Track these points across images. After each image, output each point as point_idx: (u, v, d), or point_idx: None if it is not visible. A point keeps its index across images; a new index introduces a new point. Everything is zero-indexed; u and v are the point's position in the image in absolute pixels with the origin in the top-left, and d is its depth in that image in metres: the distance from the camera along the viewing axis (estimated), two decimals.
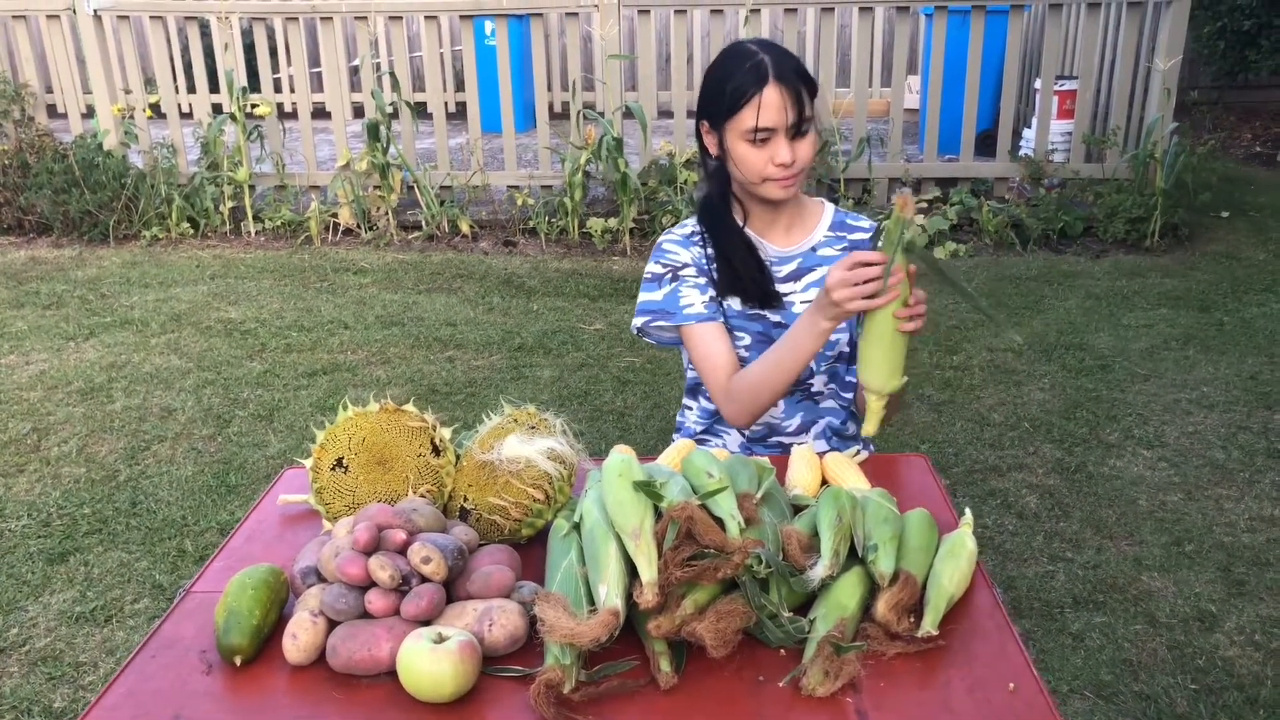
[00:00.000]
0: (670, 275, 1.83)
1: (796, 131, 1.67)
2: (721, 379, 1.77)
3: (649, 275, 1.85)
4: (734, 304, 1.83)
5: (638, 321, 1.85)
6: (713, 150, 1.77)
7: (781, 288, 1.83)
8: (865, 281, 1.45)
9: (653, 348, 4.13)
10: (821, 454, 1.61)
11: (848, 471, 1.55)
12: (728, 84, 1.68)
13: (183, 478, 3.20)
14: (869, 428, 1.55)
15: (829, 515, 1.29)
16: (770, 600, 1.20)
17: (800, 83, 1.66)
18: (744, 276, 1.80)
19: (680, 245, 1.84)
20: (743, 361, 1.84)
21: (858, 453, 1.69)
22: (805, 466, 1.55)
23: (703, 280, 1.82)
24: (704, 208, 1.85)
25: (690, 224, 1.87)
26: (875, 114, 7.28)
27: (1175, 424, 3.45)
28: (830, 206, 1.89)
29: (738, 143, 1.70)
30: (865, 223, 1.89)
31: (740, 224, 1.82)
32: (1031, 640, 2.39)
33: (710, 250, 1.83)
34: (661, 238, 1.87)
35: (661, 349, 4.06)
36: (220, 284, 5.02)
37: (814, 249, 1.85)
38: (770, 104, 1.64)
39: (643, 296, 1.86)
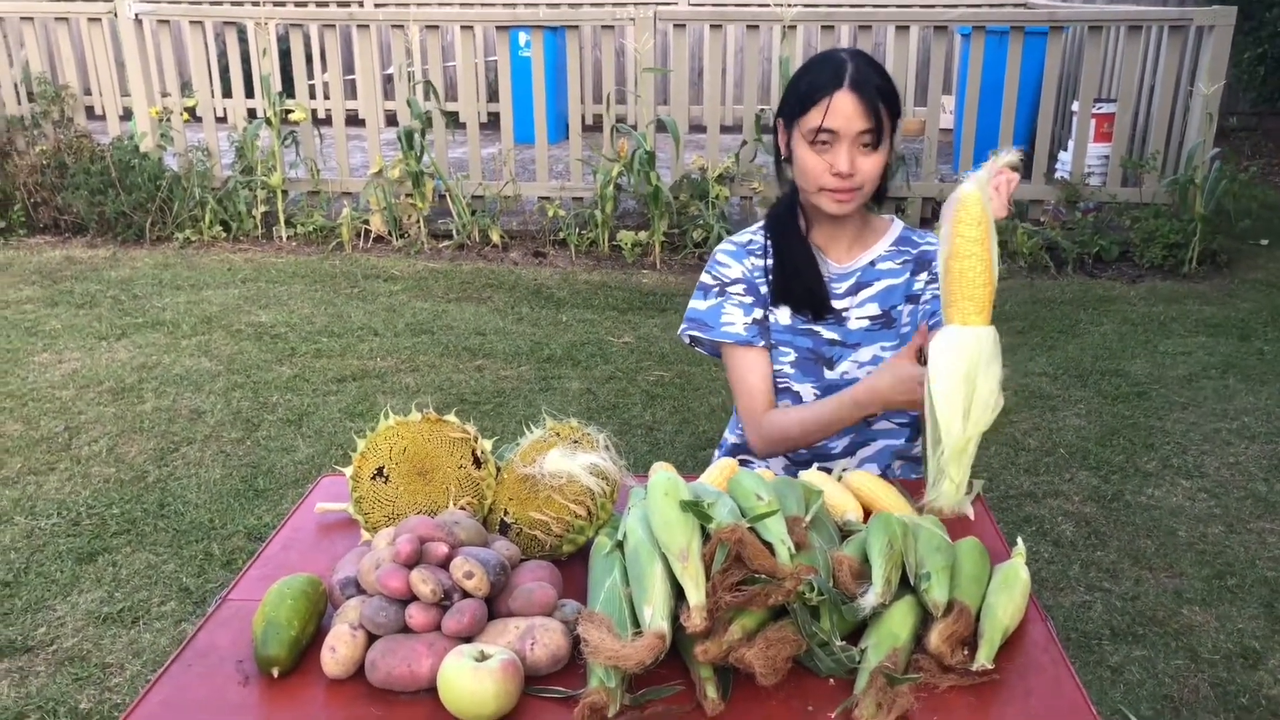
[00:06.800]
0: (718, 289, 1.81)
1: (864, 144, 1.64)
2: (756, 409, 1.78)
3: (700, 284, 1.84)
4: (783, 317, 1.80)
5: (683, 328, 1.85)
6: (784, 151, 1.75)
7: (839, 303, 1.80)
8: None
9: (682, 362, 4.11)
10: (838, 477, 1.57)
11: (882, 490, 1.51)
12: (804, 81, 1.66)
13: (211, 480, 3.19)
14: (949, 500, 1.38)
15: (880, 541, 1.25)
16: (822, 628, 1.16)
17: (878, 96, 1.62)
18: (798, 285, 1.77)
19: (733, 257, 1.82)
20: (783, 379, 1.81)
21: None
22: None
23: (749, 299, 1.80)
24: (771, 213, 1.84)
25: (750, 232, 1.85)
26: (910, 133, 7.23)
27: (1215, 454, 3.38)
28: (899, 223, 1.85)
29: (800, 144, 1.67)
30: (931, 239, 1.83)
31: (804, 233, 1.79)
32: None
33: (769, 261, 1.80)
34: (719, 245, 1.86)
35: (705, 359, 4.03)
36: (251, 288, 5.03)
37: (873, 263, 1.81)
38: (840, 108, 1.61)
39: (691, 304, 1.85)
